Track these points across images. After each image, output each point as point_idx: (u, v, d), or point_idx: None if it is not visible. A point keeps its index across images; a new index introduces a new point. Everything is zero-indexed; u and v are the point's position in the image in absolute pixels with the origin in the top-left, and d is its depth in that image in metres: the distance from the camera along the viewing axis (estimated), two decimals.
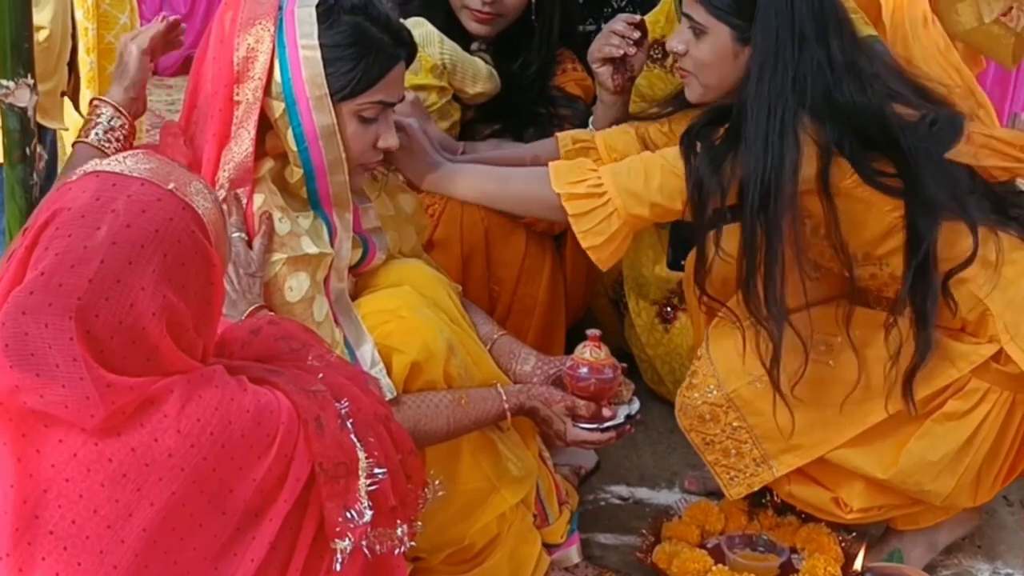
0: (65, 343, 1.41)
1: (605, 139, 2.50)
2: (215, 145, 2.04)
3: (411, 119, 2.22)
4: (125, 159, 1.54)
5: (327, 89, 2.02)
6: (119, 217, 1.47)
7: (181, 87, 2.14)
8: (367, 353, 2.07)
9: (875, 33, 2.77)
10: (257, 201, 2.04)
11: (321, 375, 1.68)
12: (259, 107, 2.02)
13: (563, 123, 2.76)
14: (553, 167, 2.29)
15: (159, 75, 5.97)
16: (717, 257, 2.27)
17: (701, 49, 2.28)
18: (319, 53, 2.01)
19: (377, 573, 1.66)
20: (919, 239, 2.23)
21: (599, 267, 2.31)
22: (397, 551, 1.67)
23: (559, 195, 2.25)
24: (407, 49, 2.11)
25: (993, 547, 2.64)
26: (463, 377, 2.16)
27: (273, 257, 2.03)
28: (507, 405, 2.17)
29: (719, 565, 2.38)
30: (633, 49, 2.53)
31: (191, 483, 1.46)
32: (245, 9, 2.04)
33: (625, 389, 2.29)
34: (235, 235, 2.00)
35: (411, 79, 2.57)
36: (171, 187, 1.53)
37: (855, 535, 2.50)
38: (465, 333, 2.26)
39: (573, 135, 2.54)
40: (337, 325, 2.08)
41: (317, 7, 2.03)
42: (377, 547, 1.62)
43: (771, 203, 2.15)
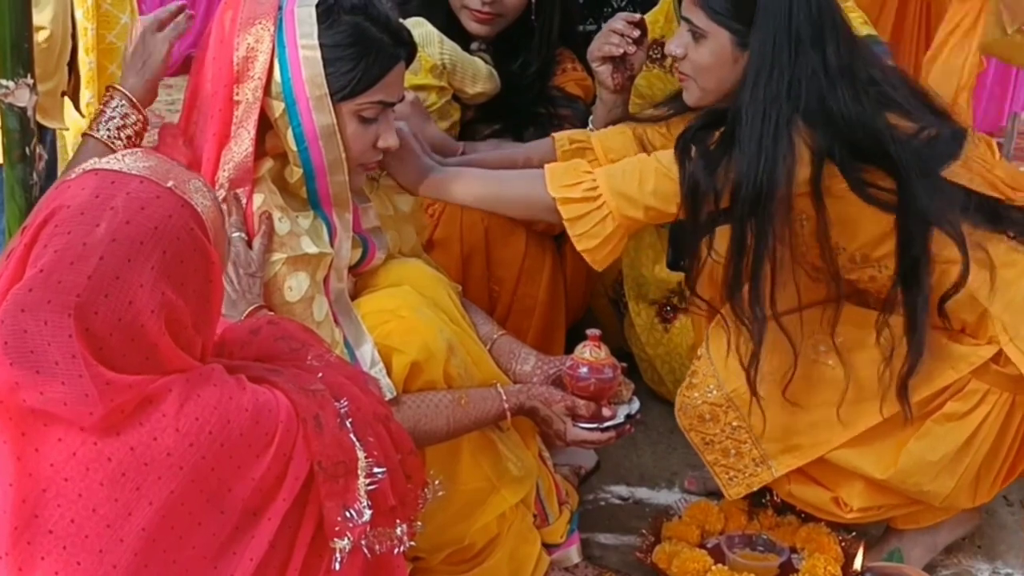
0: (64, 340, 1.42)
1: (602, 140, 2.50)
2: (215, 145, 2.04)
3: (401, 123, 2.22)
4: (124, 157, 1.55)
5: (327, 89, 2.02)
6: (118, 214, 1.47)
7: (181, 87, 2.13)
8: (367, 353, 2.07)
9: (874, 33, 2.77)
10: (257, 201, 2.04)
11: (320, 375, 1.68)
12: (259, 107, 2.02)
13: (563, 123, 2.75)
14: (549, 169, 2.28)
15: None
16: (709, 258, 2.28)
17: (700, 53, 2.28)
18: (319, 53, 2.01)
19: (377, 572, 1.66)
20: (910, 249, 2.24)
21: (595, 268, 2.32)
22: (396, 551, 1.67)
23: (554, 199, 2.25)
24: (407, 49, 2.11)
25: (993, 547, 2.63)
26: (463, 377, 2.15)
27: (273, 257, 2.03)
28: (507, 405, 2.17)
29: (719, 565, 2.38)
30: (633, 48, 2.53)
31: (190, 482, 1.47)
32: (245, 9, 2.04)
33: (625, 389, 2.29)
34: (235, 235, 2.00)
35: (411, 79, 2.57)
36: (170, 185, 1.53)
37: (855, 535, 2.50)
38: (465, 333, 2.26)
39: (570, 135, 2.53)
40: (337, 325, 2.08)
41: (317, 7, 2.03)
42: (376, 547, 1.63)
43: (762, 206, 2.15)
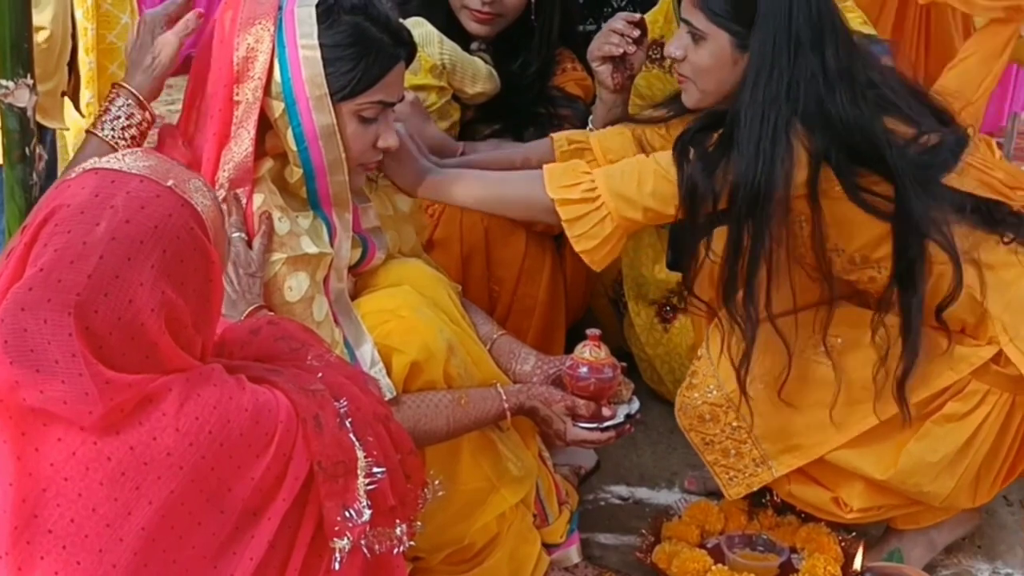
0: (64, 339, 1.42)
1: (601, 140, 2.49)
2: (215, 145, 2.04)
3: (398, 124, 2.22)
4: (124, 156, 1.55)
5: (327, 89, 2.02)
6: (118, 213, 1.47)
7: (181, 87, 2.12)
8: (367, 353, 2.07)
9: (873, 32, 2.77)
10: (257, 201, 2.04)
11: (320, 375, 1.68)
12: (259, 107, 2.02)
13: (563, 123, 2.75)
14: (548, 170, 2.28)
15: None
16: (708, 259, 2.28)
17: (700, 55, 2.28)
18: (319, 53, 2.01)
19: (376, 572, 1.66)
20: (906, 251, 2.24)
21: (593, 269, 2.32)
22: (396, 551, 1.67)
23: (553, 200, 2.24)
24: (407, 49, 2.11)
25: (993, 547, 2.63)
26: (463, 377, 2.15)
27: (273, 257, 2.03)
28: (507, 405, 2.17)
29: (719, 565, 2.38)
30: (633, 47, 2.53)
31: (190, 482, 1.47)
32: (245, 9, 2.04)
33: (625, 389, 2.29)
34: (235, 235, 2.00)
35: (411, 79, 2.57)
36: (170, 184, 1.53)
37: (855, 535, 2.50)
38: (465, 333, 2.26)
39: (568, 136, 2.53)
40: (337, 325, 2.08)
41: (317, 7, 2.03)
42: (376, 546, 1.62)
43: (759, 207, 2.15)
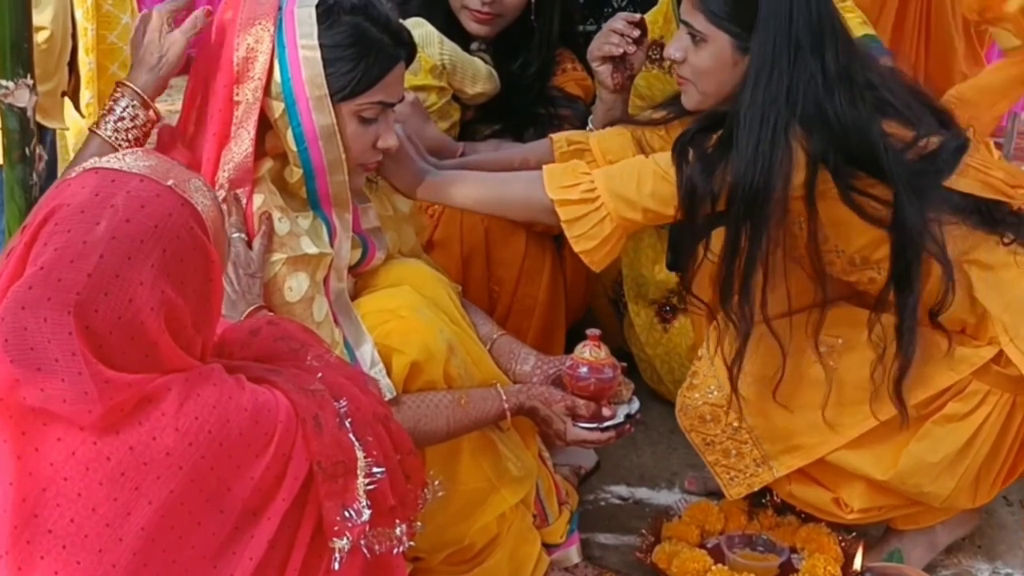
0: (64, 338, 1.42)
1: (600, 141, 2.49)
2: (215, 145, 2.04)
3: (396, 126, 2.22)
4: (124, 156, 1.55)
5: (327, 89, 2.02)
6: (118, 212, 1.47)
7: (181, 87, 2.13)
8: (367, 353, 2.07)
9: (872, 32, 2.77)
10: (257, 201, 2.04)
11: (320, 375, 1.68)
12: (259, 107, 2.02)
13: (563, 123, 2.75)
14: (547, 171, 2.27)
15: None
16: (707, 260, 2.28)
17: (700, 57, 2.28)
18: (319, 53, 2.01)
19: (376, 573, 1.66)
20: (904, 253, 2.24)
21: (592, 269, 2.32)
22: (396, 551, 1.67)
23: (552, 200, 2.24)
24: (407, 49, 2.11)
25: (993, 547, 2.63)
26: (463, 377, 2.15)
27: (273, 257, 2.03)
28: (507, 405, 2.17)
29: (719, 565, 2.38)
30: (633, 47, 2.53)
31: (189, 481, 1.47)
32: (245, 9, 2.04)
33: (625, 389, 2.29)
34: (235, 235, 2.00)
35: (411, 80, 2.57)
36: (170, 183, 1.53)
37: (855, 535, 2.50)
38: (465, 333, 2.26)
39: (568, 137, 2.53)
40: (337, 325, 2.08)
41: (317, 7, 2.03)
42: (376, 546, 1.62)
43: (757, 208, 2.15)
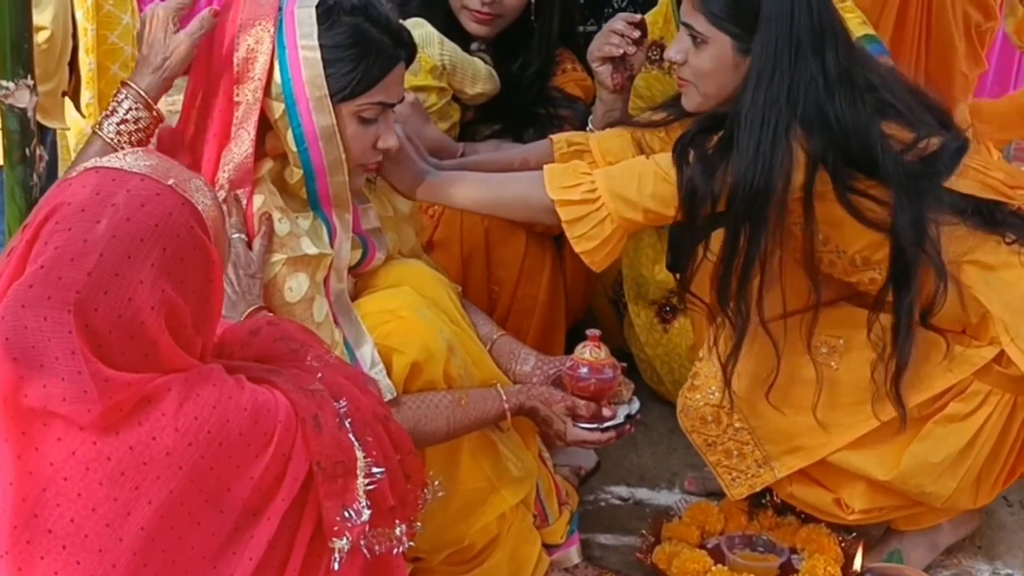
0: (64, 336, 1.42)
1: (600, 142, 2.48)
2: (215, 146, 2.04)
3: (396, 127, 2.22)
4: (125, 156, 1.55)
5: (327, 90, 2.02)
6: (119, 211, 1.47)
7: (181, 87, 2.13)
8: (367, 354, 2.07)
9: (872, 33, 2.77)
10: (257, 202, 2.04)
11: (320, 375, 1.68)
12: (259, 108, 2.02)
13: (563, 123, 2.75)
14: (548, 171, 2.27)
15: None
16: (707, 260, 2.28)
17: (701, 58, 2.28)
18: (319, 54, 2.01)
19: (376, 573, 1.66)
20: (903, 253, 2.23)
21: (593, 269, 2.32)
22: (396, 551, 1.67)
23: (553, 201, 2.24)
24: (407, 50, 2.11)
25: (993, 547, 2.63)
26: (463, 377, 2.15)
27: (273, 258, 2.03)
28: (507, 405, 2.17)
29: (719, 565, 2.38)
30: (633, 48, 2.53)
31: (189, 481, 1.47)
32: (245, 10, 2.04)
33: (625, 389, 2.29)
34: (235, 236, 2.00)
35: (411, 80, 2.57)
36: (171, 183, 1.53)
37: (855, 535, 2.50)
38: (465, 333, 2.26)
39: (568, 137, 2.52)
40: (337, 326, 2.08)
41: (317, 8, 2.03)
42: (376, 547, 1.63)
43: (757, 209, 2.15)
